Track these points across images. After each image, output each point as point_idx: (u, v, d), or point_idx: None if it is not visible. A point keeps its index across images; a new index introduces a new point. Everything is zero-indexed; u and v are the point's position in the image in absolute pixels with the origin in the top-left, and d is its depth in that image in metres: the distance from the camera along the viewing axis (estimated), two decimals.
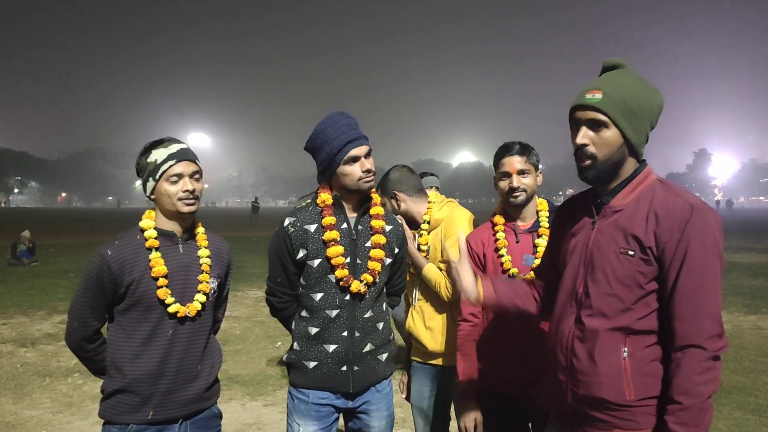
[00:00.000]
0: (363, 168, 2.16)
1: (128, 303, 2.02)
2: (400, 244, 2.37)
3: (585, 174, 1.64)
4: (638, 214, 1.59)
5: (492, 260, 2.43)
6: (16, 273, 12.10)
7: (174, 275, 2.05)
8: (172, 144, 2.06)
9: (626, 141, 1.60)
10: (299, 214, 2.23)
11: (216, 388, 2.23)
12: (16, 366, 5.69)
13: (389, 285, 2.41)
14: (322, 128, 2.18)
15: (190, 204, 2.04)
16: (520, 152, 2.37)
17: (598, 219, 1.67)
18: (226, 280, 2.28)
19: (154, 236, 2.05)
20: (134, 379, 2.00)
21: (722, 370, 1.54)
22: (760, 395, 4.85)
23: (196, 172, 2.07)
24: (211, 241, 2.20)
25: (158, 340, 2.03)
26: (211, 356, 2.19)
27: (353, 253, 2.20)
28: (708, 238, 1.51)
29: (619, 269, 1.58)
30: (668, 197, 1.58)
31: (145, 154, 2.06)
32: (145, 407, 2.01)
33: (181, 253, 2.09)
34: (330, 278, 2.18)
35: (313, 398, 2.19)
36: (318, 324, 2.19)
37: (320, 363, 2.19)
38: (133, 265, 2.00)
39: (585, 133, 1.61)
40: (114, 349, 2.05)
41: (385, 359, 2.31)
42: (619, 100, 1.58)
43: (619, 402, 1.56)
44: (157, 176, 2.02)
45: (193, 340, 2.10)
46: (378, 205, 2.30)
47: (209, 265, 2.13)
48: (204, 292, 2.09)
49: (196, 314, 2.08)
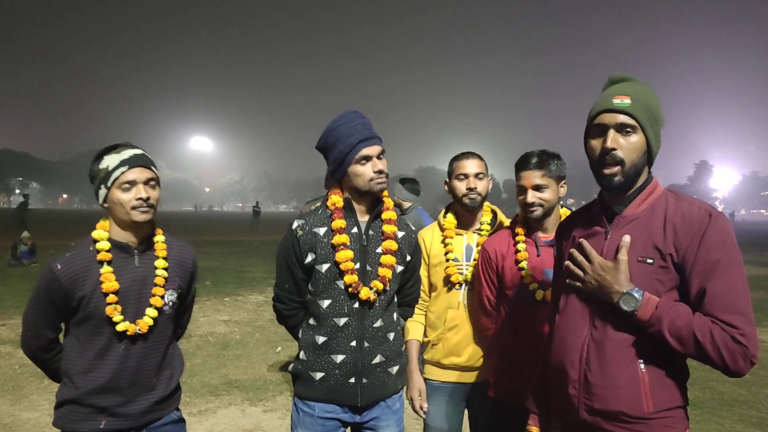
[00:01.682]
0: (375, 168, 2.09)
1: (81, 317, 1.96)
2: (413, 251, 2.28)
3: (610, 180, 1.60)
4: (654, 223, 1.59)
5: (511, 272, 2.38)
6: (17, 274, 12.07)
7: (126, 291, 1.97)
8: (125, 150, 1.97)
9: (648, 148, 1.61)
10: (308, 216, 2.15)
11: (176, 396, 2.17)
12: (14, 367, 5.67)
13: (401, 295, 2.32)
14: (336, 125, 2.11)
15: (145, 212, 1.94)
16: (537, 166, 2.31)
17: (612, 229, 1.66)
18: (189, 288, 2.21)
19: (106, 248, 1.96)
20: (86, 392, 1.96)
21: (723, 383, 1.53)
22: (762, 408, 4.82)
23: (152, 179, 1.98)
24: (171, 248, 2.11)
25: (111, 356, 1.97)
26: (170, 367, 2.13)
27: (363, 258, 2.12)
28: (729, 242, 1.52)
29: (636, 278, 1.57)
30: (683, 205, 1.59)
31: (97, 160, 1.96)
32: (98, 417, 1.98)
33: (136, 266, 2.00)
34: (338, 284, 2.09)
35: (318, 411, 2.11)
36: (325, 333, 2.10)
37: (327, 374, 2.10)
38: (84, 279, 1.92)
39: (614, 137, 1.59)
40: (68, 359, 2.01)
41: (395, 372, 2.20)
42: (644, 107, 1.59)
43: (638, 415, 1.54)
44: (108, 183, 1.93)
45: (147, 355, 2.03)
46: (390, 210, 2.21)
47: (165, 278, 2.05)
48: (156, 307, 2.01)
49: (148, 330, 2.00)
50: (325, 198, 2.21)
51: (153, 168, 2.01)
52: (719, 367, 1.49)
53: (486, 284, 2.47)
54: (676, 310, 1.51)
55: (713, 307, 1.48)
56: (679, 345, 1.49)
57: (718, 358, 1.46)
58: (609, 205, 1.69)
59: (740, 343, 1.45)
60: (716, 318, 1.47)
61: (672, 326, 1.49)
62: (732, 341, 1.45)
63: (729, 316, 1.46)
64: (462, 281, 2.57)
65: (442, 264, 2.60)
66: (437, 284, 2.63)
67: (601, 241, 1.67)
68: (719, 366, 1.49)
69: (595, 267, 1.62)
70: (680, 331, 1.48)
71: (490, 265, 2.43)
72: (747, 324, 1.46)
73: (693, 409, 4.74)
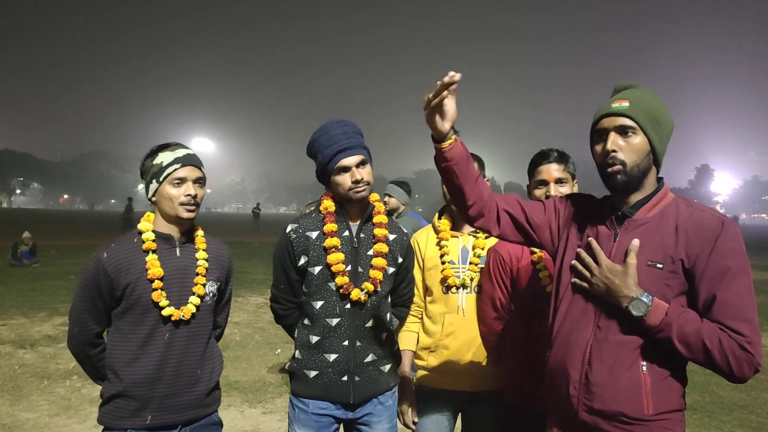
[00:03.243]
0: (353, 178, 2.14)
1: (125, 306, 2.01)
2: (405, 253, 2.34)
3: (614, 180, 1.62)
4: (666, 228, 1.60)
5: (527, 275, 2.32)
6: (17, 274, 12.07)
7: (170, 278, 2.04)
8: (179, 148, 2.08)
9: (652, 149, 1.62)
10: (302, 220, 2.23)
11: (216, 395, 2.20)
12: (14, 367, 5.67)
13: (395, 296, 2.37)
14: (317, 137, 2.20)
15: (191, 210, 2.04)
16: (558, 160, 2.31)
17: (621, 231, 1.66)
18: (226, 284, 2.26)
19: (151, 239, 2.05)
20: (131, 384, 1.99)
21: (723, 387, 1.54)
22: (762, 413, 4.82)
23: (200, 178, 2.08)
24: (210, 244, 2.19)
25: (155, 344, 2.01)
26: (211, 361, 2.17)
27: (354, 260, 2.19)
28: (739, 251, 1.54)
29: (644, 282, 1.58)
30: (694, 213, 1.60)
31: (152, 156, 2.07)
32: (143, 412, 1.99)
33: (178, 257, 2.08)
34: (330, 286, 2.16)
35: (312, 408, 2.17)
36: (319, 332, 2.17)
37: (321, 372, 2.17)
38: (129, 268, 2.00)
39: (614, 140, 1.61)
40: (112, 353, 2.04)
41: (387, 370, 2.27)
42: (644, 109, 1.61)
43: (637, 416, 1.55)
44: (161, 178, 2.03)
45: (190, 343, 2.07)
46: (382, 214, 2.28)
47: (206, 269, 2.12)
48: (198, 295, 2.08)
49: (191, 317, 2.05)
50: (318, 202, 2.28)
51: (202, 169, 2.11)
52: (724, 374, 1.51)
53: (498, 287, 2.40)
54: (685, 317, 1.52)
55: (721, 314, 1.50)
56: (687, 351, 1.51)
57: (725, 365, 1.48)
58: (618, 206, 1.70)
59: (746, 350, 1.47)
60: (724, 325, 1.49)
61: (681, 332, 1.50)
62: (739, 348, 1.47)
63: (737, 323, 1.48)
64: (459, 284, 2.51)
65: (437, 267, 2.55)
66: (433, 288, 2.57)
67: (610, 243, 1.67)
68: (724, 372, 1.50)
69: (603, 269, 1.62)
70: (689, 337, 1.49)
71: (504, 268, 2.38)
72: (753, 332, 1.49)
73: (693, 413, 4.74)
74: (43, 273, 12.39)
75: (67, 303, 8.87)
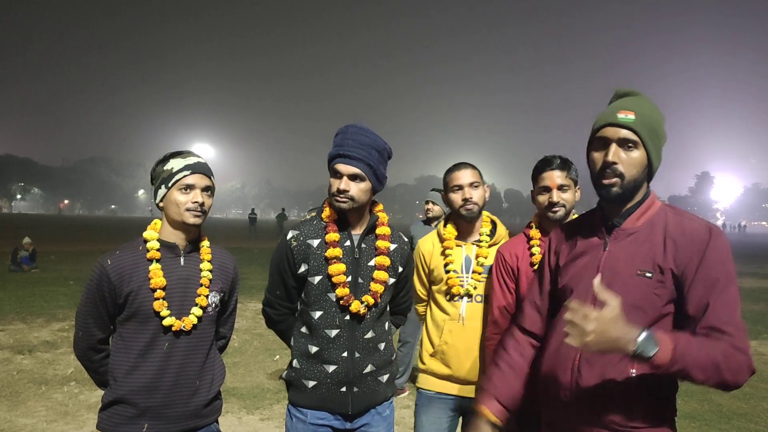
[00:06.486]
0: (337, 185, 2.10)
1: (127, 314, 2.01)
2: (405, 263, 2.32)
3: (608, 191, 1.62)
4: (655, 237, 1.60)
5: (526, 275, 2.35)
6: (16, 279, 12.06)
7: (172, 288, 2.04)
8: (190, 156, 2.10)
9: (649, 163, 1.63)
10: (303, 227, 2.19)
11: (216, 405, 2.19)
12: (12, 373, 5.66)
13: (394, 304, 2.36)
14: (336, 134, 2.17)
15: (197, 216, 2.04)
16: (560, 167, 2.34)
17: (610, 241, 1.67)
18: (230, 295, 2.25)
19: (155, 248, 2.05)
20: (130, 391, 1.99)
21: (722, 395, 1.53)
22: (761, 422, 4.81)
23: (209, 187, 2.09)
24: (215, 254, 2.18)
25: (154, 353, 2.01)
26: (211, 372, 2.15)
27: (355, 271, 2.15)
28: (727, 260, 1.55)
29: (633, 291, 1.57)
30: (683, 221, 1.61)
31: (163, 162, 2.09)
32: (140, 420, 2.00)
33: (181, 266, 2.08)
34: (330, 296, 2.13)
35: (310, 418, 2.15)
36: (318, 343, 2.14)
37: (319, 383, 2.14)
38: (132, 275, 2.00)
39: (616, 152, 1.61)
40: (114, 359, 2.05)
41: (386, 380, 2.25)
42: (648, 123, 1.61)
43: (627, 423, 1.55)
44: (169, 184, 2.03)
45: (190, 354, 2.07)
46: (385, 225, 2.24)
47: (209, 279, 2.11)
48: (201, 306, 2.07)
49: (192, 328, 2.05)
50: (320, 209, 2.24)
51: (211, 177, 2.12)
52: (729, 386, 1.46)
53: (502, 290, 2.40)
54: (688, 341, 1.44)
55: (713, 319, 1.49)
56: (702, 374, 1.42)
57: (731, 376, 1.43)
58: (608, 216, 1.70)
59: (742, 351, 1.46)
60: (716, 328, 1.48)
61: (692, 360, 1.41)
62: (736, 352, 1.45)
63: (728, 328, 1.48)
64: (463, 294, 2.54)
65: (442, 275, 2.58)
66: (437, 295, 2.61)
67: (600, 252, 1.68)
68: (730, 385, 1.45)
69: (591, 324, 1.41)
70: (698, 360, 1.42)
71: (506, 269, 2.40)
72: (745, 336, 1.49)
73: (692, 422, 4.73)
74: (42, 278, 12.37)
75: (65, 309, 8.87)
